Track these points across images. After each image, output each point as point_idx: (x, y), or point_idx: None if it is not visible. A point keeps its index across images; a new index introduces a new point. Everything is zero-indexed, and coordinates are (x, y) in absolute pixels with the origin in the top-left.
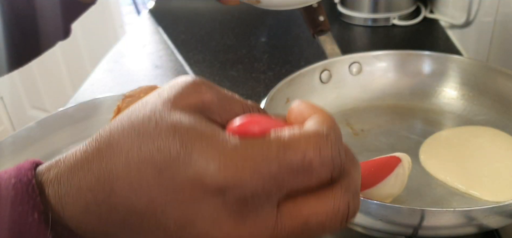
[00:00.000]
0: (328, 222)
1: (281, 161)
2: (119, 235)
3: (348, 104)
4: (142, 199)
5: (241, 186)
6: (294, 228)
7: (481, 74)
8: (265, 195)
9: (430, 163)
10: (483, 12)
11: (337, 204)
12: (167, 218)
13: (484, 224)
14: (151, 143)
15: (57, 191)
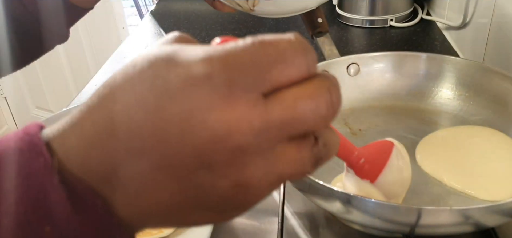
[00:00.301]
0: (315, 105)
1: (259, 52)
2: (125, 165)
3: (346, 104)
4: (139, 113)
5: (225, 69)
6: (284, 112)
7: (477, 75)
8: (251, 79)
9: (426, 162)
10: (479, 14)
11: (318, 88)
12: (165, 122)
13: (481, 222)
14: (144, 62)
15: (61, 137)
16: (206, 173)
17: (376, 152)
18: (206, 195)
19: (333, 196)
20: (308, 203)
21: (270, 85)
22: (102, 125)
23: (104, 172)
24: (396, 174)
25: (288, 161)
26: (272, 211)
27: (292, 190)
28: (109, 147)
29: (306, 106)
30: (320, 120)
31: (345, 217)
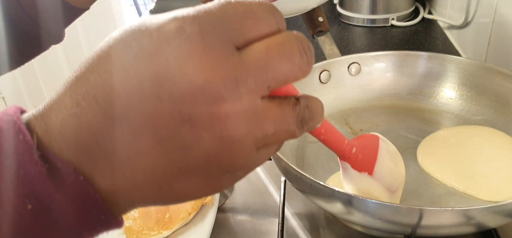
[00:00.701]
0: (288, 51)
1: (229, 7)
2: (104, 132)
3: (347, 104)
4: (115, 78)
5: (196, 21)
6: (258, 60)
7: (479, 74)
8: (223, 30)
9: (427, 162)
10: (481, 13)
11: (288, 38)
12: (141, 82)
13: (483, 223)
14: (117, 36)
15: (40, 116)
16: (188, 129)
17: (364, 143)
18: (190, 155)
19: (333, 196)
20: (309, 204)
21: (242, 38)
22: (80, 95)
23: (84, 143)
24: (390, 162)
25: (271, 118)
26: (272, 212)
27: (292, 190)
28: (87, 114)
29: (279, 52)
30: (295, 68)
31: (346, 218)
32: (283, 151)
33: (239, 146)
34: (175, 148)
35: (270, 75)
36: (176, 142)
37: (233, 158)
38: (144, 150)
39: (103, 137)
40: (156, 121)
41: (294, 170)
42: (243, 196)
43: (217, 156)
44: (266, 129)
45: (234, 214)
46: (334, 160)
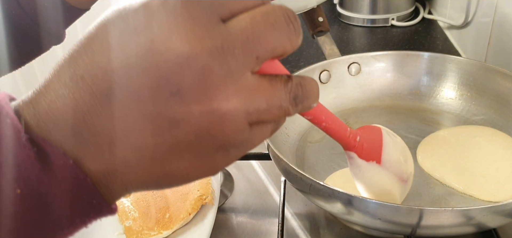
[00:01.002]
0: (273, 20)
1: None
2: (93, 112)
3: (347, 104)
4: (102, 57)
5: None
6: (244, 29)
7: (479, 74)
8: (207, 3)
9: (427, 163)
10: (481, 13)
11: (273, 8)
12: (128, 58)
13: (483, 223)
14: (102, 19)
15: (29, 101)
16: (176, 102)
17: (367, 132)
18: (180, 130)
19: (333, 196)
20: (309, 204)
21: (227, 10)
22: (68, 76)
23: (72, 123)
24: (396, 150)
25: (263, 92)
26: (272, 212)
27: (292, 190)
28: (74, 94)
29: (265, 22)
30: (283, 37)
31: (346, 218)
32: (283, 151)
33: (231, 119)
34: (164, 123)
35: (258, 45)
36: (165, 116)
37: (224, 132)
38: (133, 127)
39: (90, 116)
40: (143, 95)
41: (294, 170)
42: (243, 196)
43: (208, 130)
44: (257, 103)
45: (234, 214)
46: (334, 160)
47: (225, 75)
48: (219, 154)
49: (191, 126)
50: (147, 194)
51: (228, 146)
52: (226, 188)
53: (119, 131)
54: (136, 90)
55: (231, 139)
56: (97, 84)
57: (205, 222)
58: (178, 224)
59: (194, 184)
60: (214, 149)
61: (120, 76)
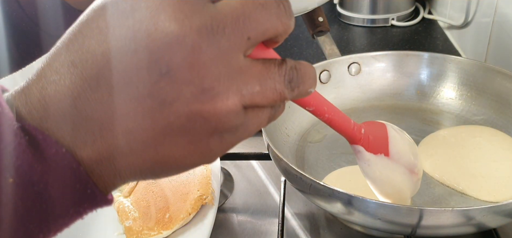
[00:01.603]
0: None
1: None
2: (84, 96)
3: (347, 104)
4: (92, 41)
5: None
6: (234, 7)
7: (479, 74)
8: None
9: (427, 163)
10: (481, 13)
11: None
12: (117, 40)
13: (483, 223)
14: (91, 7)
15: (22, 91)
16: (167, 83)
17: (372, 126)
18: (172, 111)
19: (333, 196)
20: (309, 204)
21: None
22: (59, 62)
23: (63, 109)
24: (404, 142)
25: (256, 74)
26: (272, 212)
27: (292, 190)
28: (65, 80)
29: (255, 2)
30: (273, 17)
31: (346, 218)
32: (283, 151)
33: (223, 100)
34: (155, 105)
35: (248, 25)
36: (156, 98)
37: (217, 114)
38: (124, 110)
39: (81, 101)
40: (133, 77)
41: (294, 170)
42: (243, 196)
43: (200, 112)
44: (250, 85)
45: (234, 214)
46: (334, 160)
47: (215, 55)
48: (213, 139)
49: (182, 108)
50: (147, 194)
51: (222, 130)
52: (226, 188)
53: (109, 114)
54: (126, 72)
55: (224, 122)
56: (87, 68)
57: (205, 222)
58: (178, 224)
59: (194, 184)
60: (208, 133)
61: (109, 59)
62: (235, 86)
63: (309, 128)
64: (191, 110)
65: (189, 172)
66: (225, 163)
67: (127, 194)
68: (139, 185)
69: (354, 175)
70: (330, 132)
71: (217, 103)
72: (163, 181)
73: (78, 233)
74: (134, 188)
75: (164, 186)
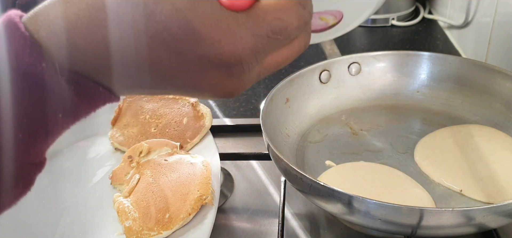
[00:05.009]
0: (293, 58)
1: (269, 34)
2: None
3: (347, 104)
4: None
5: (238, 62)
6: (270, 71)
7: (480, 74)
8: (256, 62)
9: (425, 163)
10: (482, 13)
11: (300, 46)
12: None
13: (483, 224)
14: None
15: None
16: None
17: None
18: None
19: (333, 196)
20: (309, 204)
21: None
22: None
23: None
24: None
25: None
26: (272, 212)
27: (292, 191)
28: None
29: (288, 61)
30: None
31: (346, 218)
32: (283, 151)
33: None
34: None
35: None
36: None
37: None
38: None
39: (83, 14)
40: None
41: (294, 170)
42: (243, 197)
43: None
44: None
45: (234, 215)
46: (334, 160)
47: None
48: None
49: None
50: (147, 194)
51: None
52: (226, 188)
53: (111, 17)
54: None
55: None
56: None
57: (205, 223)
58: (178, 225)
59: (194, 184)
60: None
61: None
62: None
63: (309, 128)
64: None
65: (189, 172)
66: (225, 163)
67: (127, 194)
68: (139, 186)
69: (353, 172)
70: (330, 132)
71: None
72: (163, 181)
73: (78, 233)
74: (134, 188)
75: (164, 186)
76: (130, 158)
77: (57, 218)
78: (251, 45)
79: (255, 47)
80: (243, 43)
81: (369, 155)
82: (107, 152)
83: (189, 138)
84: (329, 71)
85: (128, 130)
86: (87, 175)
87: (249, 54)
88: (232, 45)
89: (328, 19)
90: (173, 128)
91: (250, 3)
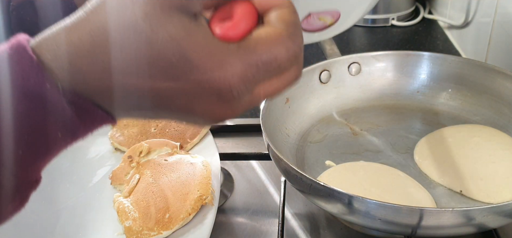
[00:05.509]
0: (285, 89)
1: (259, 64)
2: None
3: (347, 104)
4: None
5: (227, 88)
6: (261, 100)
7: (480, 74)
8: (246, 90)
9: (425, 163)
10: (482, 13)
11: (291, 77)
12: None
13: (483, 224)
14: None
15: (45, 42)
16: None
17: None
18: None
19: (333, 196)
20: (309, 204)
21: (260, 82)
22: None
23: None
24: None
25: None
26: (272, 212)
27: (292, 191)
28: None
29: (279, 92)
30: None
31: (346, 218)
32: (283, 151)
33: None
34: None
35: None
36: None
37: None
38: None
39: (86, 40)
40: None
41: (294, 170)
42: (243, 197)
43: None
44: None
45: (234, 215)
46: (334, 160)
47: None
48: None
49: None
50: (147, 194)
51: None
52: (226, 188)
53: (113, 51)
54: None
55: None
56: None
57: (205, 223)
58: (178, 225)
59: (194, 184)
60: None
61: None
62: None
63: (309, 128)
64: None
65: (189, 172)
66: (225, 163)
67: (127, 194)
68: (139, 186)
69: (353, 172)
70: (330, 132)
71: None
72: (163, 181)
73: (78, 233)
74: (134, 188)
75: (164, 186)
76: (130, 158)
77: (57, 218)
78: (240, 73)
79: (244, 75)
80: (233, 70)
81: (369, 155)
82: (107, 152)
83: (189, 138)
84: (329, 71)
85: (128, 130)
86: (87, 175)
87: (239, 81)
88: (222, 73)
89: (326, 19)
90: (173, 128)
91: (242, 35)
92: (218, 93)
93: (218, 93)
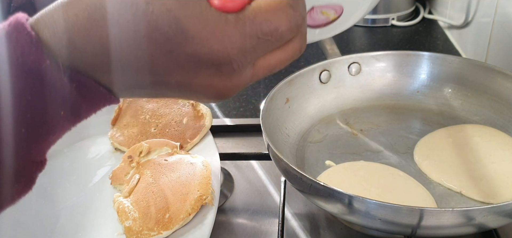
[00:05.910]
0: (288, 62)
1: (258, 35)
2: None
3: (348, 104)
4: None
5: (227, 61)
6: (264, 74)
7: (480, 75)
8: (246, 62)
9: (425, 163)
10: (482, 13)
11: (295, 49)
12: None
13: (483, 224)
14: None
15: (43, 17)
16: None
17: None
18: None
19: (333, 196)
20: (309, 204)
21: (260, 55)
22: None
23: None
24: None
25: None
26: (272, 212)
27: (292, 191)
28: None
29: (282, 65)
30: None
31: (346, 218)
32: (283, 151)
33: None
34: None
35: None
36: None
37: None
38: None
39: (84, 19)
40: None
41: (294, 170)
42: (243, 197)
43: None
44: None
45: (234, 215)
46: (334, 160)
47: None
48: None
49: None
50: (147, 194)
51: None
52: (226, 188)
53: (110, 25)
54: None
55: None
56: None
57: (205, 223)
58: (178, 225)
59: (194, 184)
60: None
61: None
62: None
63: (309, 128)
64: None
65: (189, 172)
66: (225, 163)
67: (127, 194)
68: (139, 186)
69: (353, 172)
70: (330, 132)
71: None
72: (163, 181)
73: (78, 233)
74: (134, 188)
75: (164, 186)
76: (130, 158)
77: (57, 218)
78: (239, 44)
79: (243, 47)
80: (232, 42)
81: (369, 155)
82: (107, 152)
83: (189, 138)
84: (329, 71)
85: (128, 130)
86: (87, 175)
87: (238, 53)
88: (220, 44)
89: (329, 13)
90: (173, 128)
91: (241, 5)
92: (217, 66)
93: (217, 66)
